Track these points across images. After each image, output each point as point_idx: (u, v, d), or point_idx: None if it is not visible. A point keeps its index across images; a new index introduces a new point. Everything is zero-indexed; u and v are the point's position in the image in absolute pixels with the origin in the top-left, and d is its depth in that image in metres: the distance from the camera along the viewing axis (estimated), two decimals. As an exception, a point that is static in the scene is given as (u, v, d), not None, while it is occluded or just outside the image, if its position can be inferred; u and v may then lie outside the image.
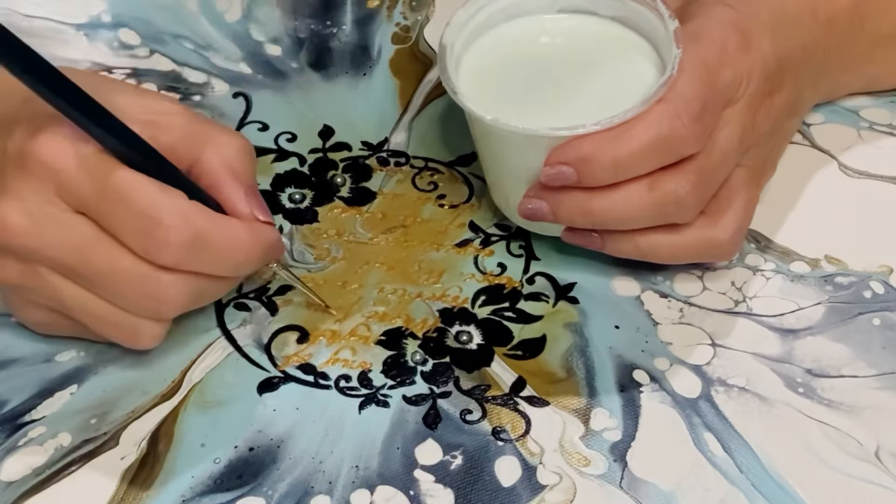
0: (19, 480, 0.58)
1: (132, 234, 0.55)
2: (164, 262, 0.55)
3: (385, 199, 0.69)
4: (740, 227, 0.62)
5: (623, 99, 0.60)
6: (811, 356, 0.62)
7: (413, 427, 0.59)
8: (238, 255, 0.57)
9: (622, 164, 0.59)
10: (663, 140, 0.59)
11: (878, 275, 0.65)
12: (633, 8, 0.64)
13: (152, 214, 0.54)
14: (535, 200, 0.62)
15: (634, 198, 0.60)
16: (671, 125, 0.59)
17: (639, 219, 0.61)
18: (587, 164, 0.59)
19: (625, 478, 0.58)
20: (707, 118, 0.60)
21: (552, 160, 0.60)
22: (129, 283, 0.55)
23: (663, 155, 0.59)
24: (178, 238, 0.55)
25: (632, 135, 0.59)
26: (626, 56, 0.64)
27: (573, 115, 0.60)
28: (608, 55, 0.64)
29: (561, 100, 0.63)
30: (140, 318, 0.57)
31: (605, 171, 0.59)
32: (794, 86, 0.65)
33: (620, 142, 0.59)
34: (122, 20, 0.78)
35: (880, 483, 0.58)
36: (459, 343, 0.63)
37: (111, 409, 0.60)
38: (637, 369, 0.62)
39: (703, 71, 0.60)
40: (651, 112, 0.59)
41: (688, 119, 0.59)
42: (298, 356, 0.62)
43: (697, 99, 0.59)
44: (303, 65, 0.76)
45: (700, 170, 0.60)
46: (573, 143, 0.59)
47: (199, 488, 0.57)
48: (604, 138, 0.59)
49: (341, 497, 0.57)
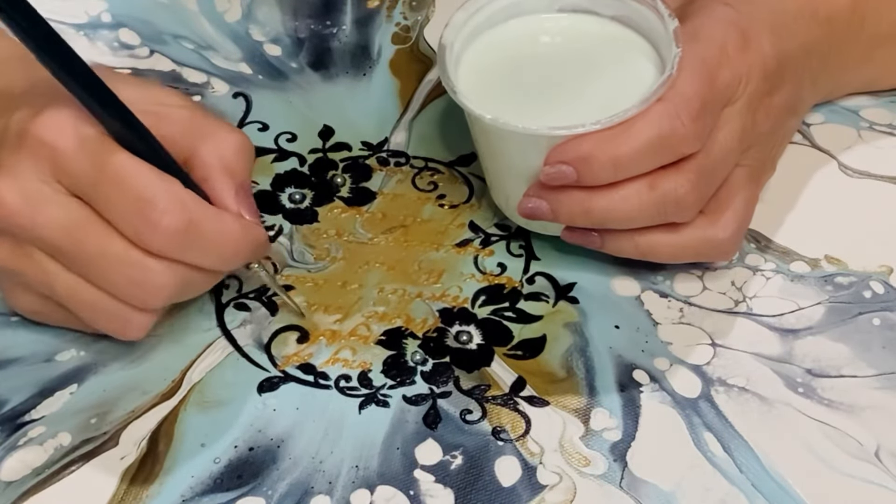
0: (19, 480, 0.58)
1: (126, 216, 0.55)
2: (155, 247, 0.55)
3: (385, 199, 0.69)
4: (740, 226, 0.62)
5: (623, 98, 0.60)
6: (811, 356, 0.62)
7: (413, 427, 0.59)
8: (227, 248, 0.57)
9: (621, 163, 0.59)
10: (663, 139, 0.59)
11: (878, 275, 0.65)
12: (633, 7, 0.64)
13: (148, 198, 0.54)
14: (534, 199, 0.62)
15: (634, 197, 0.60)
16: (671, 124, 0.59)
17: (638, 218, 0.61)
18: (587, 164, 0.59)
19: (625, 478, 0.58)
20: (706, 117, 0.60)
21: (552, 159, 0.60)
22: (118, 268, 0.55)
23: (663, 154, 0.59)
24: (172, 223, 0.54)
25: (631, 134, 0.59)
26: (625, 55, 0.64)
27: (573, 115, 0.60)
28: (608, 54, 0.64)
29: (560, 99, 0.63)
30: (128, 307, 0.57)
31: (605, 171, 0.59)
32: (794, 85, 0.65)
33: (620, 141, 0.59)
34: (122, 20, 0.78)
35: (880, 483, 0.58)
36: (459, 343, 0.63)
37: (111, 408, 0.60)
38: (637, 369, 0.62)
39: (702, 70, 0.60)
40: (650, 111, 0.59)
41: (687, 118, 0.59)
42: (298, 356, 0.62)
43: (697, 98, 0.59)
44: (303, 65, 0.76)
45: (700, 169, 0.60)
46: (573, 142, 0.59)
47: (198, 488, 0.57)
48: (603, 137, 0.59)
49: (341, 497, 0.57)
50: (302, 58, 0.76)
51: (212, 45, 0.77)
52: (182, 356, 0.62)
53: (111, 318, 0.57)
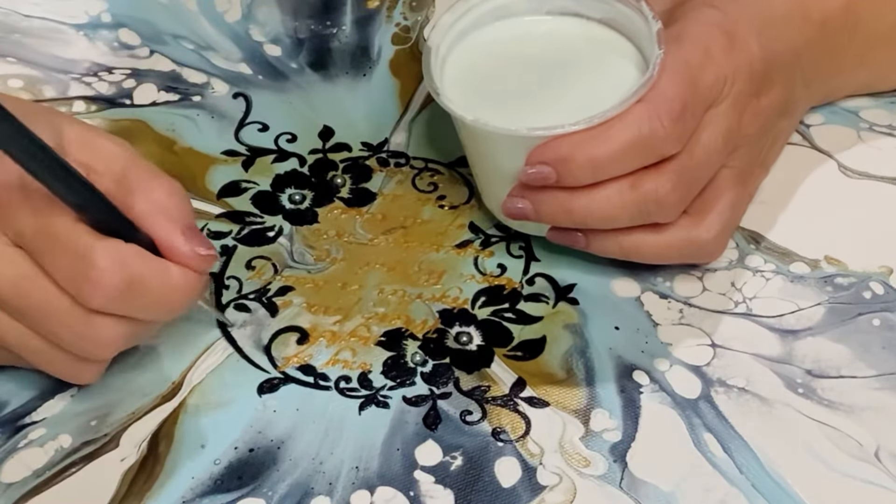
0: (19, 482, 0.58)
1: (66, 275, 0.54)
2: (97, 305, 0.54)
3: (385, 199, 0.69)
4: (725, 227, 0.63)
5: (606, 100, 0.60)
6: (811, 357, 0.62)
7: (413, 428, 0.59)
8: (174, 300, 0.56)
9: (601, 164, 0.59)
10: (642, 140, 0.59)
11: (878, 275, 0.65)
12: (619, 10, 0.64)
13: (88, 256, 0.54)
14: (517, 200, 0.62)
15: (615, 197, 0.60)
16: (650, 125, 0.59)
17: (620, 218, 0.61)
18: (566, 165, 0.59)
19: (625, 478, 0.58)
20: (687, 119, 0.60)
21: (531, 160, 0.60)
22: (64, 323, 0.55)
23: (643, 155, 0.59)
24: (112, 281, 0.54)
25: (610, 135, 0.59)
26: (610, 58, 0.64)
27: (556, 117, 0.60)
28: (592, 57, 0.65)
29: (544, 101, 0.63)
30: (77, 358, 0.57)
31: (584, 171, 0.59)
32: (784, 86, 0.65)
33: (599, 142, 0.59)
34: (122, 20, 0.78)
35: (880, 483, 0.58)
36: (459, 344, 0.63)
37: (111, 410, 0.60)
38: (637, 370, 0.62)
39: (684, 71, 0.60)
40: (630, 112, 0.59)
41: (667, 119, 0.59)
42: (298, 357, 0.62)
43: (678, 99, 0.59)
44: (303, 65, 0.76)
45: (681, 169, 0.60)
46: (552, 143, 0.59)
47: (199, 489, 0.57)
48: (582, 138, 0.59)
49: (341, 498, 0.57)
50: (302, 58, 0.76)
51: (212, 45, 0.77)
52: (182, 358, 0.62)
53: (62, 367, 0.57)
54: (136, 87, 0.75)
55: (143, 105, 0.74)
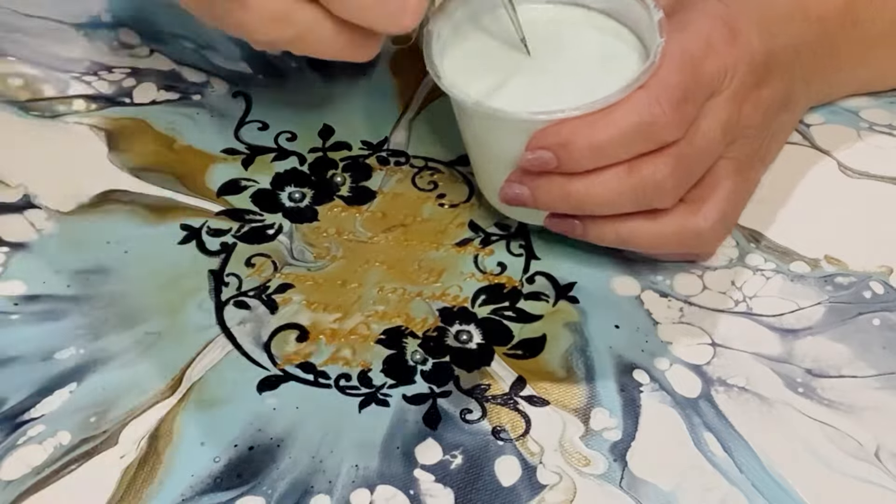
0: (18, 479, 0.57)
1: None
2: None
3: (385, 198, 0.69)
4: (722, 217, 0.63)
5: (607, 87, 0.60)
6: (811, 356, 0.62)
7: (413, 426, 0.59)
8: None
9: (601, 149, 0.59)
10: (643, 126, 0.59)
11: (878, 275, 0.65)
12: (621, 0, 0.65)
13: None
14: (516, 185, 0.62)
15: (613, 181, 0.60)
16: (651, 111, 0.59)
17: (617, 203, 0.61)
18: (566, 149, 0.59)
19: (625, 478, 0.58)
20: (688, 106, 0.60)
21: (532, 145, 0.60)
22: None
23: (643, 141, 0.59)
24: None
25: (611, 120, 0.59)
26: (611, 46, 0.64)
27: (557, 103, 0.60)
28: (594, 45, 0.65)
29: (546, 87, 0.63)
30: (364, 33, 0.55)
31: (584, 157, 0.59)
32: (784, 81, 0.65)
33: (599, 127, 0.59)
34: (121, 20, 0.78)
35: (880, 483, 0.58)
36: (459, 342, 0.63)
37: (111, 407, 0.60)
38: (637, 369, 0.62)
39: (686, 60, 0.60)
40: (631, 98, 0.59)
41: (668, 106, 0.59)
42: (298, 355, 0.62)
43: (679, 86, 0.59)
44: (302, 64, 0.76)
45: (680, 155, 0.60)
46: (553, 128, 0.59)
47: (198, 487, 0.57)
48: (583, 123, 0.59)
49: (341, 496, 0.57)
50: (302, 57, 0.76)
51: (211, 44, 0.77)
52: (181, 355, 0.62)
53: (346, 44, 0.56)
54: (136, 86, 0.75)
55: (142, 104, 0.74)
